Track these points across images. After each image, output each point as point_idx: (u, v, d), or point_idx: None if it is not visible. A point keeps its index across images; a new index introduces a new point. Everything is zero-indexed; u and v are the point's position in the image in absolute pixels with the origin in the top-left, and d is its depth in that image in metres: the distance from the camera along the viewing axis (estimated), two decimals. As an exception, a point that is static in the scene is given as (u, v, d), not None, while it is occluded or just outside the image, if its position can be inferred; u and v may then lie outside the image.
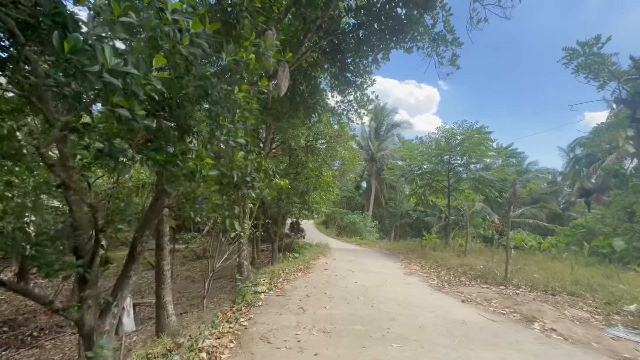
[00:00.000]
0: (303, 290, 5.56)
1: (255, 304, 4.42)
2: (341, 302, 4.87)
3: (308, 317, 4.07)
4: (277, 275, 6.52)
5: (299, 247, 16.58)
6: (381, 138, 32.81)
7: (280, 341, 3.27)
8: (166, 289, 8.34)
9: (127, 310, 6.09)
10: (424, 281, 7.39)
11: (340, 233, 28.48)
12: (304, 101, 7.98)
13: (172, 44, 2.30)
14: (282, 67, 6.19)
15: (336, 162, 15.91)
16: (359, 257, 12.11)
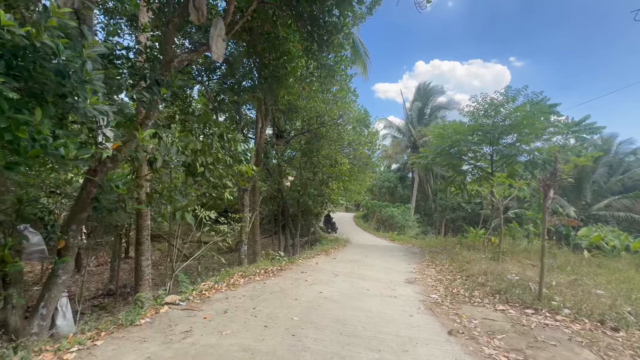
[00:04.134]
0: (234, 301, 4.38)
1: (135, 321, 3.40)
2: (256, 326, 3.57)
3: (178, 349, 2.90)
4: (227, 278, 5.47)
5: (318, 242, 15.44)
6: (424, 122, 29.41)
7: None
8: (144, 285, 7.97)
9: (62, 311, 5.62)
10: (422, 294, 5.58)
11: (379, 227, 26.45)
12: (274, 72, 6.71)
13: None
14: (215, 24, 5.02)
15: (345, 148, 14.17)
16: (371, 256, 10.43)
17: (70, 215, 5.12)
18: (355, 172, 14.62)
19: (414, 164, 15.15)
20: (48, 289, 4.82)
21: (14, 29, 2.26)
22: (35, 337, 4.65)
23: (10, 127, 2.80)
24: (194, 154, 5.53)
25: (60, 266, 4.80)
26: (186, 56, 5.30)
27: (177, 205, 5.96)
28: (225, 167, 6.04)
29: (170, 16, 5.00)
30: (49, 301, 4.88)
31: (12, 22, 2.23)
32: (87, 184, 4.82)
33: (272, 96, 7.57)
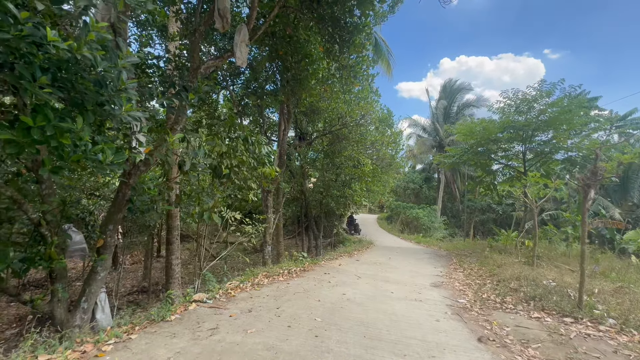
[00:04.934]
0: (258, 301, 4.46)
1: (166, 317, 3.57)
2: (280, 325, 3.62)
3: (205, 345, 3.00)
4: (252, 278, 5.58)
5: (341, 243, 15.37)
6: (451, 120, 28.44)
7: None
8: (174, 283, 8.32)
9: (100, 306, 6.00)
10: (449, 298, 5.39)
11: (404, 229, 25.87)
12: (296, 75, 6.78)
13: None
14: (238, 30, 5.17)
15: (367, 149, 13.95)
16: (396, 258, 10.22)
17: (107, 215, 5.47)
18: (378, 173, 14.42)
19: (440, 163, 14.69)
20: (88, 285, 5.17)
21: (58, 44, 2.45)
22: (78, 329, 5.00)
23: (56, 134, 3.04)
24: (220, 157, 5.71)
25: (99, 263, 5.14)
26: (212, 63, 5.50)
27: (204, 207, 6.19)
28: (250, 170, 6.18)
29: (197, 25, 5.21)
30: (90, 296, 5.24)
31: (57, 37, 2.42)
32: (122, 186, 5.12)
33: (294, 98, 7.65)
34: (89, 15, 2.86)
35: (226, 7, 4.82)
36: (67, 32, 3.68)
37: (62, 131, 3.08)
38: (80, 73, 3.08)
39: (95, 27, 2.66)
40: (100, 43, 2.98)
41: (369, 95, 10.79)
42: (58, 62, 2.89)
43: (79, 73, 3.08)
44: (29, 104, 3.07)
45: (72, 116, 3.30)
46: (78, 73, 3.08)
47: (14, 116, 3.18)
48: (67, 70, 3.05)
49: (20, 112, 3.22)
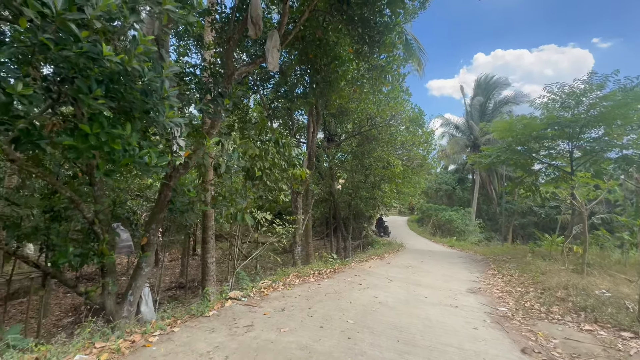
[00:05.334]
0: (291, 301, 4.54)
1: (205, 312, 3.74)
2: (313, 325, 3.65)
3: (242, 341, 3.11)
4: (284, 278, 5.68)
5: (370, 246, 15.16)
6: (486, 118, 27.02)
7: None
8: (210, 280, 8.69)
9: (145, 299, 6.42)
10: (487, 305, 5.11)
11: (436, 232, 24.99)
12: (326, 77, 6.83)
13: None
14: (270, 36, 5.31)
15: (397, 149, 13.61)
16: (428, 262, 9.89)
17: (150, 215, 5.87)
18: (408, 174, 14.08)
19: (475, 163, 14.00)
20: (134, 279, 5.56)
21: (112, 58, 2.68)
22: (125, 320, 5.40)
23: (108, 140, 3.32)
24: (252, 160, 5.89)
25: (144, 260, 5.53)
26: (245, 69, 5.71)
27: (237, 207, 6.42)
28: (281, 171, 6.32)
29: (231, 33, 5.44)
30: (135, 290, 5.64)
31: (111, 52, 2.65)
32: (164, 188, 5.46)
33: (324, 100, 7.71)
34: (137, 30, 3.10)
35: (259, 14, 4.99)
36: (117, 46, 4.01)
37: (114, 137, 3.35)
38: (128, 84, 3.33)
39: (143, 40, 2.87)
40: (147, 55, 3.21)
41: (399, 95, 10.58)
42: (110, 74, 3.16)
43: (128, 84, 3.33)
44: (86, 113, 3.38)
45: (121, 123, 3.59)
46: (127, 84, 3.34)
47: (74, 125, 3.52)
48: (117, 82, 3.31)
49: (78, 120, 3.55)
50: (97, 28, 2.71)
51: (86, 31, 2.73)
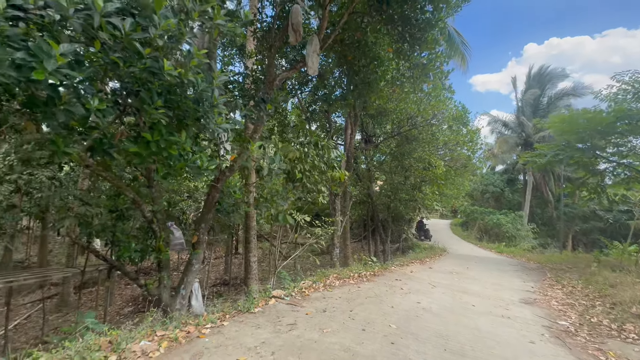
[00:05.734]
0: (331, 302, 4.56)
1: (250, 309, 3.91)
2: (355, 328, 3.64)
3: (286, 339, 3.21)
4: (324, 279, 5.73)
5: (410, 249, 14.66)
6: (540, 113, 24.74)
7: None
8: (252, 278, 9.05)
9: (195, 294, 6.88)
10: (545, 318, 4.67)
11: (482, 237, 23.44)
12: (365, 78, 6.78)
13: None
14: (310, 41, 5.42)
15: (439, 149, 12.94)
16: (474, 268, 9.31)
17: (200, 215, 6.29)
18: (451, 175, 13.40)
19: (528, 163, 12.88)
20: (186, 274, 6.00)
21: (171, 72, 2.93)
22: (178, 312, 5.84)
23: (166, 147, 3.63)
24: (293, 162, 6.05)
25: (194, 256, 5.94)
26: (285, 74, 5.89)
27: (278, 209, 6.63)
28: (320, 174, 6.40)
29: (272, 41, 5.65)
30: (187, 284, 6.07)
31: (171, 67, 2.90)
32: (212, 190, 5.83)
33: (362, 102, 7.67)
34: (191, 44, 3.36)
35: (299, 21, 5.12)
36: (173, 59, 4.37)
37: (171, 144, 3.65)
38: (183, 94, 3.62)
39: (197, 54, 3.11)
40: (199, 67, 3.46)
41: (441, 93, 10.14)
42: (168, 86, 3.46)
43: (182, 94, 3.62)
44: (147, 122, 3.74)
45: (177, 131, 3.91)
46: (182, 94, 3.63)
47: (137, 133, 3.91)
48: (173, 93, 3.61)
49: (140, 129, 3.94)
50: (159, 45, 2.98)
51: (148, 48, 3.03)
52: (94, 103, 2.98)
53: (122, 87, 3.69)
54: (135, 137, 3.86)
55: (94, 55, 3.27)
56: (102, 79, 3.65)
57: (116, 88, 3.82)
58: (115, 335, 2.84)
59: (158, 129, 3.57)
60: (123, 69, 3.23)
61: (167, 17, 3.06)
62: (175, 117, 3.98)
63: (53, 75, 2.45)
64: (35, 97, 2.99)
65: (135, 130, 4.07)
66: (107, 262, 6.31)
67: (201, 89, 3.34)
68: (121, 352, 2.59)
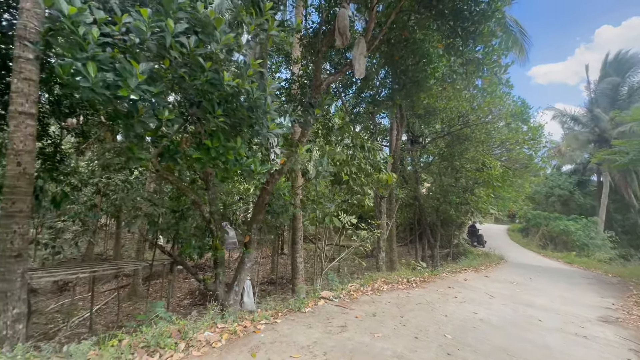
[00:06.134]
0: (381, 306, 4.48)
1: (301, 308, 4.00)
2: (406, 335, 3.52)
3: (337, 341, 3.23)
4: (371, 282, 5.65)
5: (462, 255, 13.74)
6: (619, 105, 21.55)
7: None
8: (299, 278, 9.25)
9: (247, 291, 7.25)
10: (631, 340, 4.04)
11: (545, 245, 21.12)
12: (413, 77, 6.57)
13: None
14: (357, 44, 5.42)
15: (495, 149, 11.87)
16: (538, 279, 8.42)
17: (252, 216, 6.63)
18: (509, 177, 12.31)
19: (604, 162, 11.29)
20: (239, 272, 6.36)
21: (230, 83, 3.15)
22: (232, 307, 6.21)
23: (224, 152, 3.91)
24: (340, 165, 6.09)
25: (247, 255, 6.27)
26: (332, 78, 5.97)
27: (325, 211, 6.71)
28: (366, 176, 6.35)
29: (319, 46, 5.76)
30: (240, 281, 6.43)
31: (230, 78, 3.12)
32: (262, 192, 6.11)
33: (410, 101, 7.43)
34: (246, 55, 3.58)
35: (345, 24, 5.16)
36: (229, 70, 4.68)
37: (228, 149, 3.91)
38: (239, 102, 3.86)
39: (254, 65, 3.30)
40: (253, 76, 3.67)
41: (497, 88, 9.39)
42: (226, 96, 3.73)
43: (238, 102, 3.86)
44: (207, 130, 4.07)
45: (233, 137, 4.18)
46: (237, 102, 3.87)
47: (199, 140, 4.27)
48: (230, 102, 3.87)
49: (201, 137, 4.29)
50: (220, 59, 3.23)
51: (210, 62, 3.29)
52: (165, 114, 3.33)
53: (186, 99, 4.07)
54: (197, 144, 4.23)
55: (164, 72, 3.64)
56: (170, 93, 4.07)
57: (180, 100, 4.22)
58: (182, 325, 3.12)
59: (217, 136, 3.85)
60: (188, 82, 3.57)
61: (226, 32, 3.31)
62: (231, 124, 4.26)
63: (134, 92, 2.80)
64: (118, 111, 3.44)
65: (197, 137, 4.45)
66: (171, 257, 6.95)
67: (255, 97, 3.52)
68: (188, 340, 2.83)
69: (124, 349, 2.54)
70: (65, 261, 12.77)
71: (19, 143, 3.84)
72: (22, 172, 3.87)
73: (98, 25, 2.73)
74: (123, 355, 2.48)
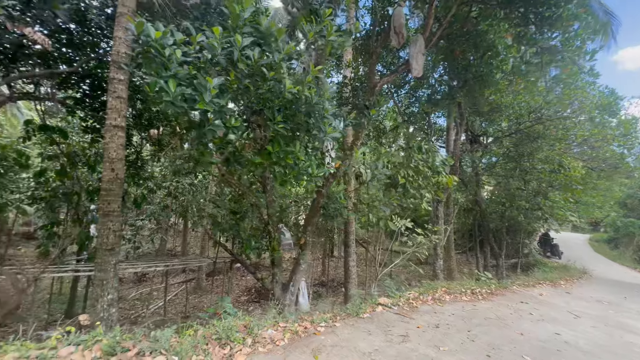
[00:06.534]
0: (444, 318, 4.19)
1: (359, 314, 3.94)
2: (477, 351, 3.22)
3: (400, 350, 3.11)
4: (431, 291, 5.33)
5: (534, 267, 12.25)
6: None
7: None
8: (352, 282, 9.17)
9: (302, 292, 7.41)
10: None
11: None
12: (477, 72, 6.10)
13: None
14: (414, 41, 5.22)
15: (574, 147, 10.31)
16: (635, 299, 7.11)
17: (306, 219, 6.76)
18: (593, 179, 10.68)
19: None
20: (295, 273, 6.52)
21: (292, 90, 3.26)
22: (288, 307, 6.39)
23: (284, 157, 4.05)
24: (395, 167, 5.90)
25: (302, 257, 6.41)
26: (386, 79, 5.83)
27: (379, 214, 6.55)
28: (424, 179, 6.05)
29: (374, 47, 5.68)
30: (295, 282, 6.58)
31: (291, 86, 3.23)
32: (318, 195, 6.20)
33: (472, 99, 6.90)
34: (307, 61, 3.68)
35: (401, 23, 5.01)
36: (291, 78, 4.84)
37: (287, 154, 4.05)
38: (297, 108, 3.96)
39: (314, 71, 3.38)
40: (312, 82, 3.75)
41: (578, 78, 8.19)
42: (285, 103, 3.86)
43: (297, 108, 3.96)
44: (268, 136, 4.26)
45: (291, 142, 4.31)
46: (296, 109, 3.98)
47: (260, 146, 4.50)
48: (289, 108, 3.99)
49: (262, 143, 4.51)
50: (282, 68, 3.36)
51: (272, 72, 3.44)
52: (232, 122, 3.56)
53: (247, 107, 4.32)
54: (258, 149, 4.45)
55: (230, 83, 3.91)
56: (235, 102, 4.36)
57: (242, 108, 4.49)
58: (248, 321, 3.29)
59: (277, 141, 4.01)
60: (252, 91, 3.78)
61: (287, 42, 3.45)
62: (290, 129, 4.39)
63: (209, 104, 3.06)
64: (192, 122, 3.78)
65: (258, 143, 4.69)
66: (232, 256, 7.44)
67: (314, 102, 3.58)
68: (254, 337, 2.97)
69: (199, 339, 2.76)
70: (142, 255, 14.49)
71: (113, 152, 4.47)
72: (115, 177, 4.49)
73: (178, 45, 3.04)
74: (199, 344, 2.69)
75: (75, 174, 7.94)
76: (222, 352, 2.68)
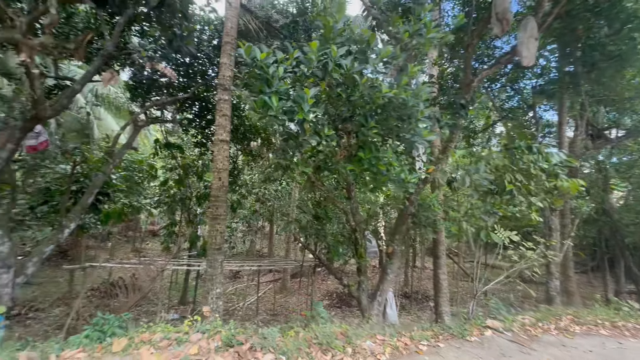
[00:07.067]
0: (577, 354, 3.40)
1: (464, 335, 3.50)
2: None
3: None
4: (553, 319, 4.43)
5: None
6: None
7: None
8: (442, 297, 8.39)
9: (390, 303, 7.11)
10: None
11: None
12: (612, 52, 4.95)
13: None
14: (524, 25, 4.54)
15: None
16: None
17: (394, 227, 6.48)
18: None
19: None
20: (382, 282, 6.28)
21: (388, 94, 3.15)
22: (374, 317, 6.17)
23: (375, 163, 3.94)
24: (498, 171, 5.19)
25: (389, 267, 6.14)
26: (485, 72, 5.20)
27: (480, 224, 5.83)
28: (537, 184, 5.14)
29: (470, 40, 5.15)
30: (382, 292, 6.34)
31: (387, 90, 3.12)
32: (408, 202, 5.88)
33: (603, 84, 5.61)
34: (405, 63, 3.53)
35: (505, 7, 4.41)
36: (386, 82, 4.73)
37: (378, 160, 3.93)
38: (389, 113, 3.82)
39: (412, 72, 3.21)
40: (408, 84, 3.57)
41: None
42: (377, 107, 3.76)
43: (389, 113, 3.82)
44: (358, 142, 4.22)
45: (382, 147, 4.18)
46: (387, 114, 3.84)
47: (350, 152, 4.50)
48: (382, 113, 3.87)
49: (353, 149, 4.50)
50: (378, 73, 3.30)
51: (365, 78, 3.39)
52: (325, 131, 3.64)
53: (338, 115, 4.37)
54: (349, 156, 4.46)
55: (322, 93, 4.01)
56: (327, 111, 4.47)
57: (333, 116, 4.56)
58: (344, 329, 3.26)
59: (368, 147, 3.94)
60: (344, 99, 3.81)
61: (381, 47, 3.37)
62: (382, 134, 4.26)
63: (306, 115, 3.19)
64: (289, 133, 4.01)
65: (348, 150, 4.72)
66: (319, 260, 7.64)
67: (410, 104, 3.39)
68: (354, 347, 2.92)
69: (301, 341, 2.85)
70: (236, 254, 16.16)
71: (220, 163, 5.07)
72: (222, 185, 5.08)
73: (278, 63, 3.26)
74: (302, 347, 2.77)
75: (188, 182, 9.39)
76: (325, 358, 2.70)
